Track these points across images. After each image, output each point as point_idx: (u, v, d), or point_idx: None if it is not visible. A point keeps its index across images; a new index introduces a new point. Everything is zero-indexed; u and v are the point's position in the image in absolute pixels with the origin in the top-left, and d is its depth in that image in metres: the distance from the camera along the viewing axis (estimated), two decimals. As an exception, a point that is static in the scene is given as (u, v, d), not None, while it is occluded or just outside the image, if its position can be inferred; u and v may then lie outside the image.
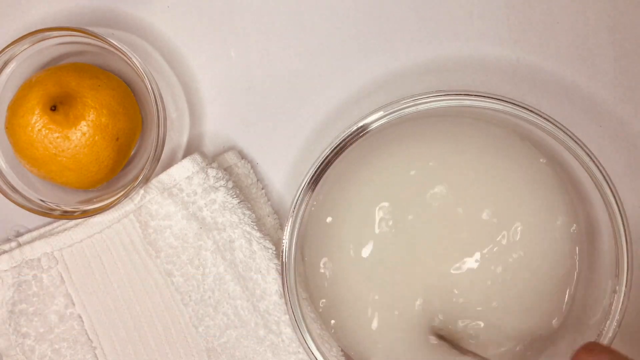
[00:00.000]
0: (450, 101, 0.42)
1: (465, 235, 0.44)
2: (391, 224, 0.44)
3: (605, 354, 0.35)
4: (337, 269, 0.45)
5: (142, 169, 0.43)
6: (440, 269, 0.44)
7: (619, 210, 0.42)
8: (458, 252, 0.44)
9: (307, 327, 0.43)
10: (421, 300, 0.44)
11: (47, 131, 0.41)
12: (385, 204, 0.44)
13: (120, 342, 0.45)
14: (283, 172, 0.47)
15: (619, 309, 0.42)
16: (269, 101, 0.47)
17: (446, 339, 0.44)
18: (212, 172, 0.44)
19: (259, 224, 0.45)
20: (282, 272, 0.42)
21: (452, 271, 0.44)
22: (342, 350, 0.45)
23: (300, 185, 0.42)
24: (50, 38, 0.43)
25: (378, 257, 0.44)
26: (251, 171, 0.47)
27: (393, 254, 0.44)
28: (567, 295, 0.45)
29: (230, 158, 0.46)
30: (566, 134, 0.42)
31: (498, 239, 0.44)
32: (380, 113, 0.42)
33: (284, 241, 0.42)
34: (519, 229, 0.44)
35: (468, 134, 0.45)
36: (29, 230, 0.46)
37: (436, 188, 0.44)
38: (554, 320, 0.45)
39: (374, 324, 0.45)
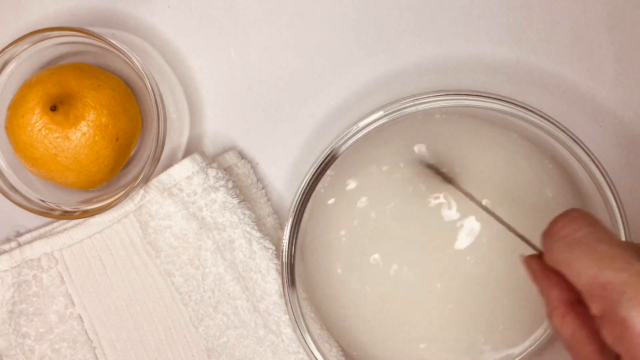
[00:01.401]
0: (450, 101, 0.42)
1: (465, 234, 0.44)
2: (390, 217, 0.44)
3: (585, 222, 0.32)
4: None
5: (142, 169, 0.43)
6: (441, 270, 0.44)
7: (619, 210, 0.42)
8: (457, 248, 0.44)
9: (307, 327, 0.43)
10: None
11: (47, 131, 0.41)
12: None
13: (120, 342, 0.45)
14: (283, 172, 0.47)
15: (619, 309, 0.42)
16: (269, 101, 0.47)
17: (433, 167, 0.43)
18: (212, 172, 0.44)
19: (259, 224, 0.45)
20: (282, 272, 0.42)
21: (452, 268, 0.44)
22: (342, 350, 0.45)
23: (300, 185, 0.42)
24: (50, 38, 0.43)
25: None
26: (251, 171, 0.47)
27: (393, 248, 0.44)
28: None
29: (230, 158, 0.46)
30: (566, 134, 0.42)
31: (498, 237, 0.44)
32: (380, 113, 0.42)
33: (284, 241, 0.42)
34: (520, 227, 0.44)
35: (468, 134, 0.45)
36: (29, 230, 0.46)
37: (436, 186, 0.44)
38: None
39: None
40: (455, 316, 0.44)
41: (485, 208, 0.42)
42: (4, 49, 0.42)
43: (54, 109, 0.41)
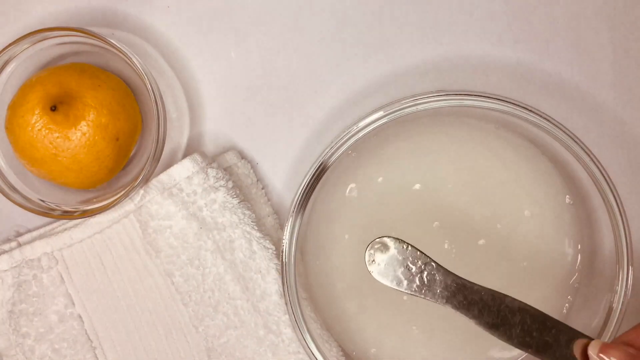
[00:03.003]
0: (450, 101, 0.42)
1: (466, 233, 0.44)
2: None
3: None
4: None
5: (142, 169, 0.43)
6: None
7: (619, 210, 0.42)
8: (461, 247, 0.44)
9: (307, 327, 0.43)
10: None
11: (47, 131, 0.41)
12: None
13: (120, 342, 0.45)
14: (283, 172, 0.47)
15: (619, 308, 0.42)
16: (269, 101, 0.47)
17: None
18: (212, 172, 0.44)
19: (259, 224, 0.45)
20: (282, 272, 0.42)
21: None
22: (342, 350, 0.45)
23: (300, 185, 0.42)
24: (50, 38, 0.43)
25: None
26: (251, 171, 0.47)
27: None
28: (568, 295, 0.45)
29: (230, 158, 0.46)
30: (566, 134, 0.42)
31: (499, 238, 0.44)
32: (380, 113, 0.42)
33: (284, 241, 0.42)
34: (521, 228, 0.44)
35: (468, 134, 0.45)
36: (29, 230, 0.46)
37: (436, 187, 0.44)
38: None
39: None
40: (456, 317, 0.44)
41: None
42: (4, 49, 0.42)
43: (54, 109, 0.41)
